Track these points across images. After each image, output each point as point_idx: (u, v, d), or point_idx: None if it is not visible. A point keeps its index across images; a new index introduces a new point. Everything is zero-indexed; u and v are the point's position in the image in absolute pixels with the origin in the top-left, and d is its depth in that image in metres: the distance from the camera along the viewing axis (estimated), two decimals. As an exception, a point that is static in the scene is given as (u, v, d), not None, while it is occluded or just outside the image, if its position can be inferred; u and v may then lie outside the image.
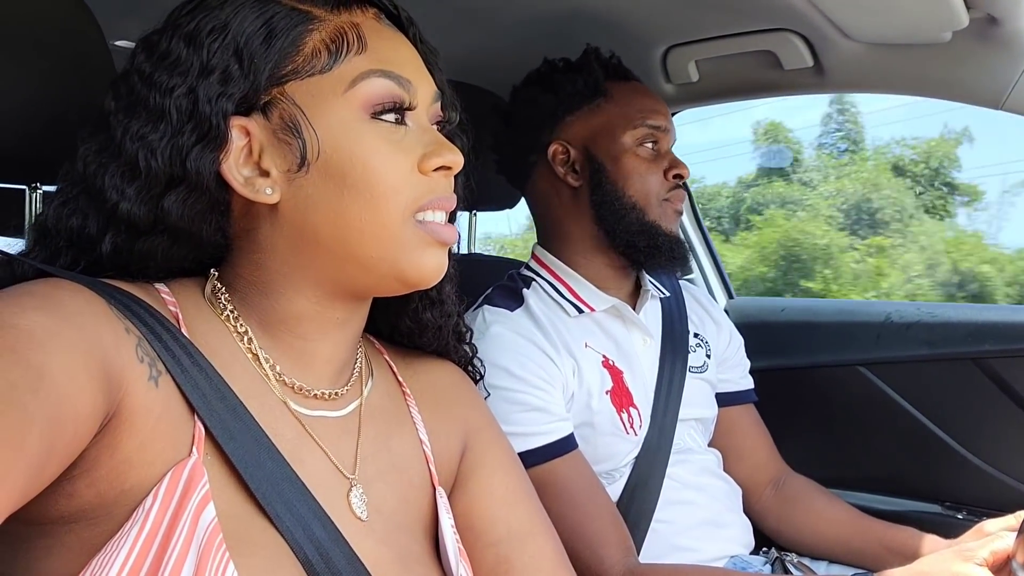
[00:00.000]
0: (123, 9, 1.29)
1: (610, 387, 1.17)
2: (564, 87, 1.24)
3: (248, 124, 0.63)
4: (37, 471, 0.46)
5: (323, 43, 0.64)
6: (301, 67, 0.63)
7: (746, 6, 1.30)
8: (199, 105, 0.61)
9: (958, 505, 1.56)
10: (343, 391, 0.71)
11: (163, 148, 0.61)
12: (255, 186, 0.63)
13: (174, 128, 0.61)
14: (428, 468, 0.75)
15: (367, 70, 0.64)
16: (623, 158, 1.22)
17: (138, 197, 0.61)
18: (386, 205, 0.63)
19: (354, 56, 0.64)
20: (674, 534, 1.17)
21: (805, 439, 1.57)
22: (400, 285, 0.68)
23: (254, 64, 0.62)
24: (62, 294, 0.55)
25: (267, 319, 0.67)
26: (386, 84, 0.64)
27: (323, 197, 0.63)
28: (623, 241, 1.21)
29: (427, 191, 0.66)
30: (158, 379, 0.57)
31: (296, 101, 0.63)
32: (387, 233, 0.64)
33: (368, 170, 0.63)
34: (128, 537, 0.53)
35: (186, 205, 0.62)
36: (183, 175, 0.61)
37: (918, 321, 1.60)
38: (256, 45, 0.62)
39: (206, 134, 0.61)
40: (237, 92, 0.62)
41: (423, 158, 0.65)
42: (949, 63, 1.27)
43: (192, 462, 0.57)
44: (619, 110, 1.23)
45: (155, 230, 0.63)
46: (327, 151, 0.63)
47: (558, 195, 1.27)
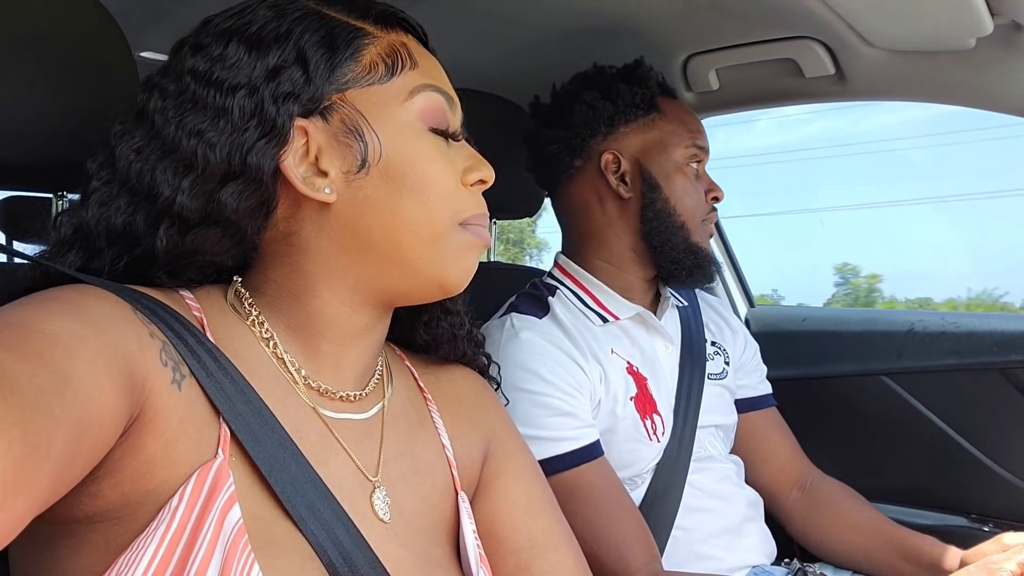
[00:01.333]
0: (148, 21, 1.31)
1: (635, 393, 1.17)
2: (624, 96, 1.24)
3: (307, 126, 0.65)
4: (62, 473, 0.47)
5: (380, 56, 0.68)
6: (360, 76, 0.67)
7: (767, 14, 1.29)
8: (264, 105, 0.63)
9: (984, 517, 1.53)
10: (364, 393, 0.72)
11: (223, 143, 0.62)
12: (314, 185, 0.65)
13: (235, 125, 0.63)
14: (451, 472, 0.75)
15: (422, 84, 0.68)
16: (676, 177, 1.23)
17: (192, 190, 0.63)
18: (439, 209, 0.67)
19: (408, 71, 0.68)
20: (695, 542, 1.17)
21: (829, 449, 1.56)
22: (437, 289, 0.71)
23: (318, 70, 0.65)
24: (87, 299, 0.56)
25: (296, 323, 0.68)
26: (439, 99, 0.69)
27: (381, 198, 0.66)
28: (669, 259, 1.22)
29: (472, 205, 0.70)
30: (181, 383, 0.58)
31: (357, 107, 0.66)
32: (437, 235, 0.68)
33: (426, 175, 0.67)
34: (154, 536, 0.53)
35: (241, 198, 0.63)
36: (242, 170, 0.63)
37: (943, 331, 1.58)
38: (319, 52, 0.65)
39: (269, 132, 0.63)
40: (304, 95, 0.65)
41: (465, 171, 0.70)
42: (973, 70, 1.26)
43: (218, 463, 0.57)
44: (672, 127, 1.24)
45: (205, 223, 0.64)
46: (389, 155, 0.66)
47: (601, 204, 1.26)
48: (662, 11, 1.33)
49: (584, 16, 1.35)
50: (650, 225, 1.22)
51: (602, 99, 1.24)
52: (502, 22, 1.39)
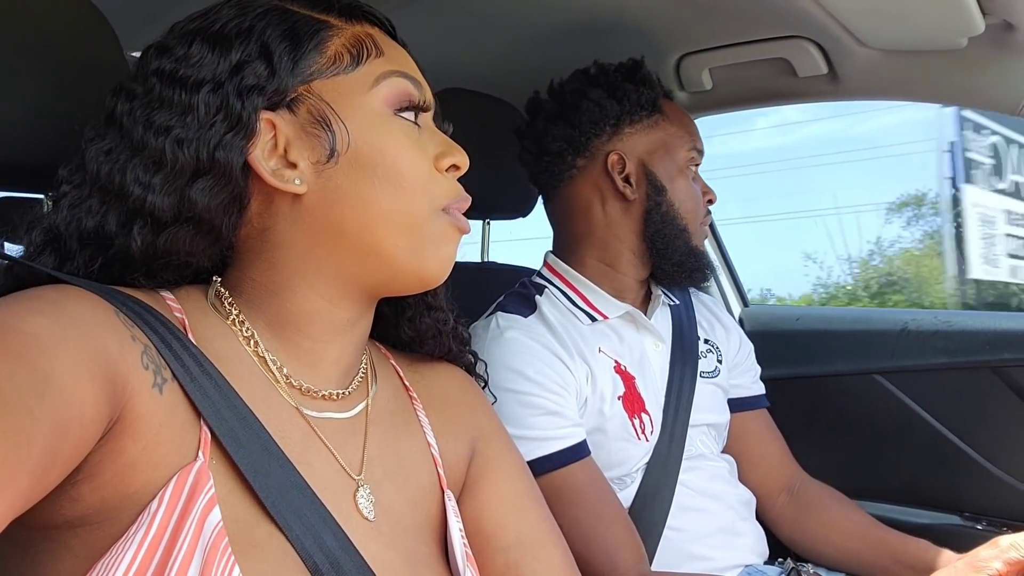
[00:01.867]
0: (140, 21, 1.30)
1: (622, 392, 1.17)
2: (630, 96, 1.23)
3: (274, 118, 0.66)
4: (42, 474, 0.47)
5: (344, 47, 0.68)
6: (325, 68, 0.67)
7: (760, 14, 1.30)
8: (229, 99, 0.64)
9: (978, 516, 1.54)
10: (348, 391, 0.71)
11: (190, 139, 0.63)
12: (284, 177, 0.66)
13: (202, 121, 0.63)
14: (436, 471, 0.75)
15: (388, 70, 0.69)
16: (678, 179, 1.24)
17: (163, 188, 0.63)
18: (414, 196, 0.67)
19: (374, 59, 0.69)
20: (688, 542, 1.17)
21: (822, 449, 1.56)
22: (415, 280, 0.70)
23: (282, 62, 0.66)
24: (68, 300, 0.56)
25: (276, 320, 0.68)
26: (405, 84, 0.69)
27: (352, 188, 0.66)
28: (672, 261, 1.23)
29: (449, 190, 0.70)
30: (163, 386, 0.58)
31: (324, 98, 0.66)
32: (414, 223, 0.67)
33: (397, 161, 0.67)
34: (133, 540, 0.53)
35: (211, 194, 0.64)
36: (210, 165, 0.63)
37: (936, 330, 1.58)
38: (282, 45, 0.66)
39: (235, 125, 0.64)
40: (268, 88, 0.65)
41: (437, 156, 0.70)
42: (965, 69, 1.27)
43: (198, 466, 0.57)
44: (674, 129, 1.25)
45: (177, 222, 0.64)
46: (357, 143, 0.66)
47: (603, 204, 1.25)
48: (655, 10, 1.33)
49: (577, 16, 1.35)
50: (654, 228, 1.22)
51: (609, 98, 1.23)
52: (494, 22, 1.39)
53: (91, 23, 0.85)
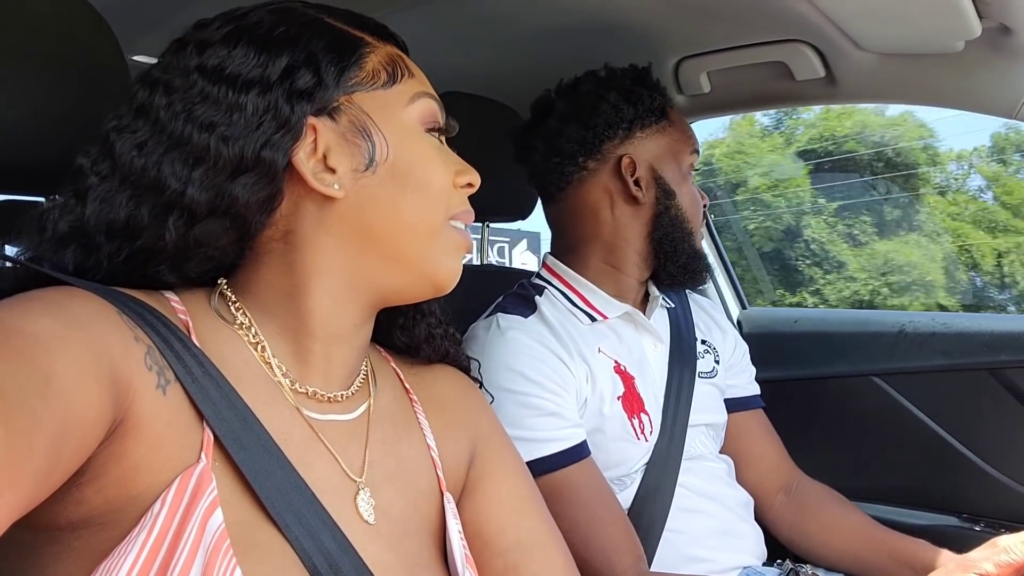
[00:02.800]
0: (141, 25, 1.31)
1: (622, 392, 1.18)
2: (644, 101, 1.24)
3: (317, 124, 0.67)
4: (45, 476, 0.47)
5: (381, 64, 0.72)
6: (365, 81, 0.70)
7: (757, 17, 1.30)
8: (279, 102, 0.65)
9: (976, 517, 1.54)
10: (350, 393, 0.72)
11: (236, 137, 0.64)
12: (324, 180, 0.67)
13: (248, 120, 0.64)
14: (436, 473, 0.76)
15: (420, 91, 0.73)
16: (684, 184, 1.26)
17: (202, 182, 0.63)
18: (436, 206, 0.71)
19: (407, 79, 0.73)
20: (687, 544, 1.17)
21: (820, 450, 1.56)
22: (430, 286, 0.74)
23: (328, 72, 0.68)
24: (71, 301, 0.56)
25: (287, 323, 0.68)
26: (434, 105, 0.74)
27: (386, 195, 0.69)
28: (677, 264, 1.24)
29: (460, 202, 0.74)
30: (166, 387, 0.58)
31: (364, 109, 0.69)
32: (433, 232, 0.72)
33: (428, 174, 0.71)
34: (136, 542, 0.53)
35: (253, 191, 0.65)
36: (255, 163, 0.64)
37: (933, 332, 1.59)
38: (328, 56, 0.68)
39: (283, 127, 0.65)
40: (316, 95, 0.67)
41: (457, 174, 0.74)
42: (962, 73, 1.27)
43: (200, 468, 0.57)
44: (679, 135, 1.27)
45: (212, 216, 0.64)
46: (395, 154, 0.70)
47: (612, 206, 1.25)
48: (653, 14, 1.34)
49: (575, 20, 1.35)
50: (663, 231, 1.24)
51: (625, 102, 1.24)
52: (493, 26, 1.39)
53: (91, 27, 0.85)
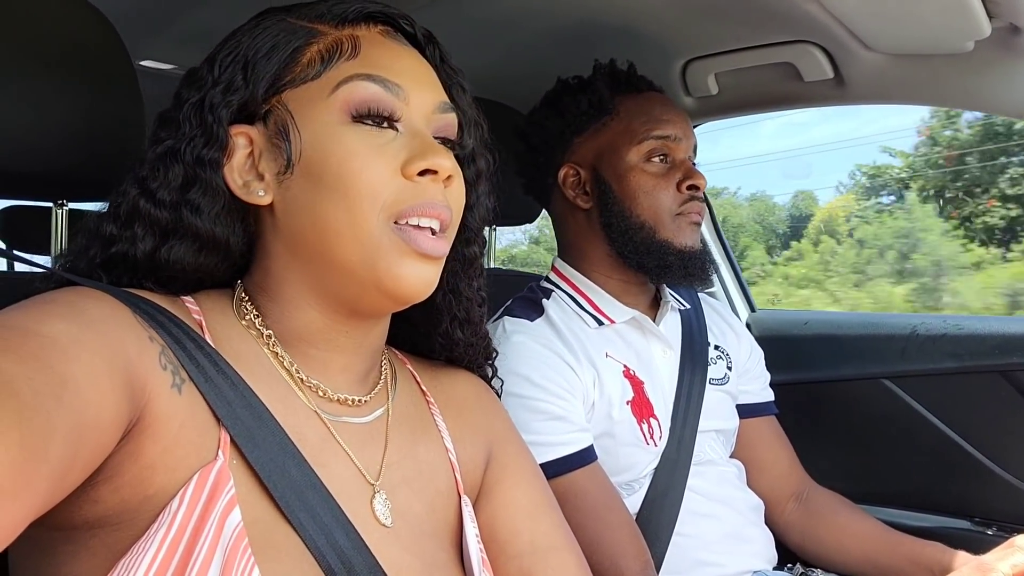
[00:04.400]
0: (149, 30, 1.31)
1: (631, 397, 1.17)
2: (570, 108, 1.23)
3: (251, 132, 0.67)
4: (61, 477, 0.47)
5: (319, 53, 0.67)
6: (297, 76, 0.67)
7: (765, 18, 1.30)
8: (204, 113, 0.66)
9: (988, 520, 1.53)
10: (367, 398, 0.72)
11: (181, 151, 0.65)
12: (251, 188, 0.67)
13: (187, 135, 0.66)
14: (454, 476, 0.75)
15: (352, 74, 0.66)
16: (629, 176, 1.20)
17: (157, 195, 0.65)
18: (361, 207, 0.63)
19: (344, 62, 0.67)
20: (697, 548, 1.16)
21: (830, 453, 1.55)
22: (382, 297, 0.66)
23: (255, 74, 0.66)
24: (86, 302, 0.56)
25: (285, 327, 0.68)
26: (370, 87, 0.66)
27: (305, 198, 0.65)
28: (634, 261, 1.21)
29: (411, 195, 0.65)
30: (181, 387, 0.58)
31: (288, 107, 0.66)
32: (364, 236, 0.64)
33: (344, 171, 0.64)
34: (154, 540, 0.53)
35: (202, 205, 0.66)
36: (195, 177, 0.65)
37: (944, 334, 1.58)
38: (259, 58, 0.67)
39: (209, 139, 0.66)
40: (236, 100, 0.66)
41: (406, 161, 0.65)
42: (971, 73, 1.26)
43: (218, 466, 0.58)
44: (623, 126, 1.22)
45: (177, 235, 0.66)
46: (308, 152, 0.65)
47: (573, 217, 1.27)
48: (661, 16, 1.33)
49: (582, 22, 1.35)
50: (611, 230, 1.21)
51: (552, 115, 1.25)
52: (498, 28, 1.39)
53: (99, 32, 0.85)
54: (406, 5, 0.73)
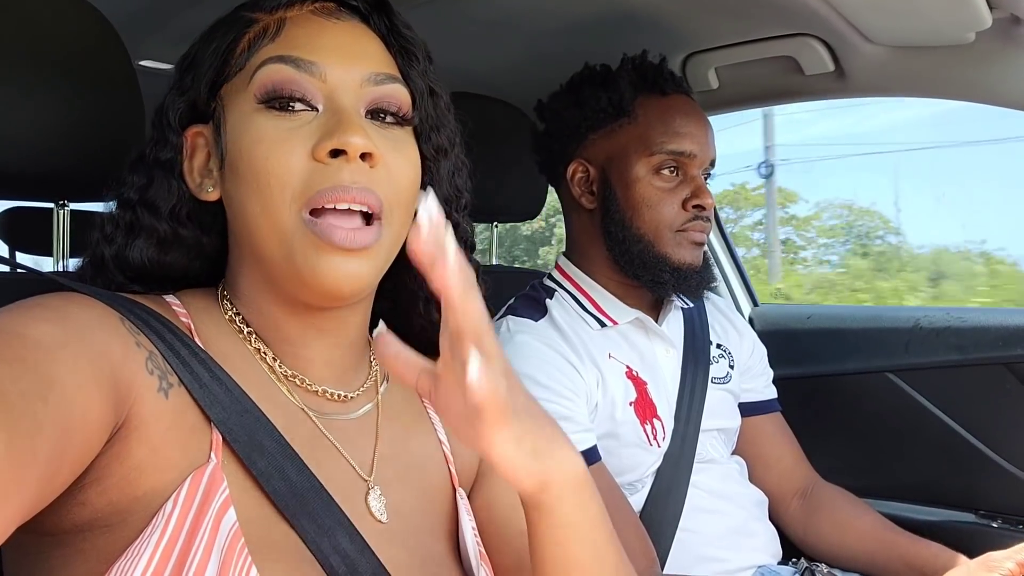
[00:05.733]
0: (148, 30, 1.31)
1: (634, 398, 1.17)
2: (589, 102, 1.20)
3: (205, 131, 0.68)
4: (48, 479, 0.47)
5: (248, 42, 0.65)
6: (231, 69, 0.66)
7: (765, 12, 1.29)
8: (161, 117, 0.68)
9: (992, 514, 1.52)
10: (355, 394, 0.71)
11: (146, 155, 0.68)
12: (202, 187, 0.68)
13: (153, 139, 0.68)
14: (448, 468, 0.75)
15: (267, 57, 0.63)
16: (635, 186, 1.17)
17: (124, 197, 0.68)
18: (271, 197, 0.60)
19: (265, 46, 0.64)
20: (701, 544, 1.16)
21: (834, 448, 1.55)
22: (312, 294, 0.63)
23: (199, 73, 0.67)
24: (72, 306, 0.56)
25: (258, 324, 0.68)
26: (281, 69, 0.62)
27: (233, 192, 0.64)
28: (629, 271, 1.20)
29: (320, 179, 0.60)
30: (168, 391, 0.58)
31: (223, 101, 0.66)
32: (278, 228, 0.61)
33: (252, 159, 0.61)
34: (149, 542, 0.53)
35: (159, 204, 0.67)
36: (152, 179, 0.68)
37: (948, 326, 1.57)
38: (203, 56, 0.67)
39: (164, 142, 0.67)
40: (184, 102, 0.67)
41: (316, 143, 0.61)
42: (973, 64, 1.26)
43: (211, 467, 0.57)
44: (639, 133, 1.18)
45: (135, 231, 0.67)
46: (229, 145, 0.64)
47: (577, 213, 1.26)
48: (660, 11, 1.33)
49: (582, 18, 1.35)
50: (611, 237, 1.19)
51: (571, 106, 1.22)
52: (499, 25, 1.39)
53: (99, 33, 0.85)
54: (402, 3, 0.73)
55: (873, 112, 26.01)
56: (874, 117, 23.20)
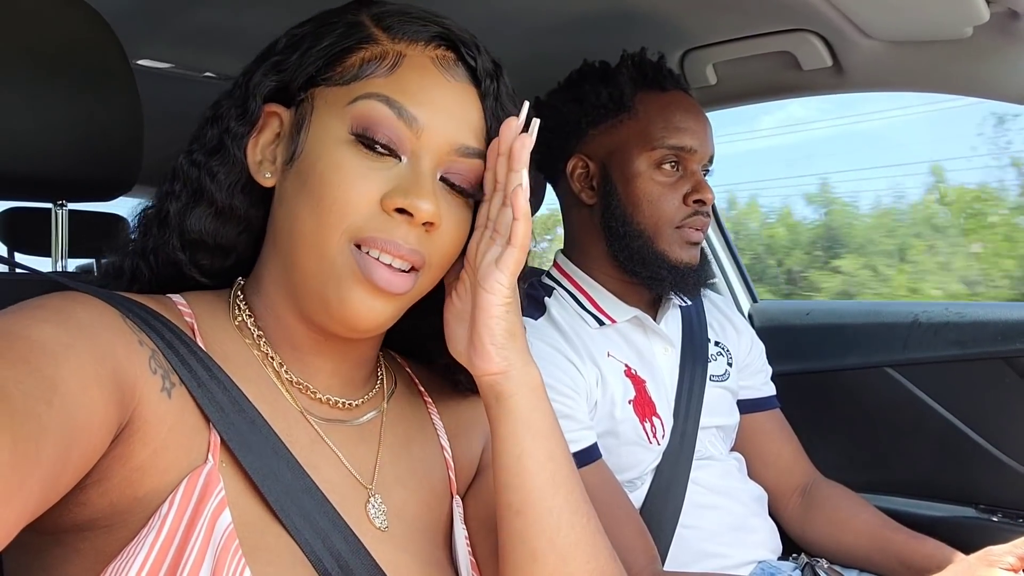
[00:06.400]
0: (146, 30, 1.31)
1: (633, 396, 1.17)
2: (589, 98, 1.20)
3: (284, 114, 0.67)
4: (53, 480, 0.47)
5: (361, 60, 0.65)
6: (336, 75, 0.66)
7: (763, 7, 1.29)
8: (247, 91, 0.67)
9: (992, 507, 1.53)
10: (359, 402, 0.71)
11: (221, 117, 0.68)
12: (261, 168, 0.67)
13: (231, 103, 0.68)
14: (448, 475, 0.75)
15: (373, 92, 0.64)
16: (636, 182, 1.17)
17: (189, 166, 0.68)
18: (327, 221, 0.62)
19: (376, 76, 0.65)
20: (701, 540, 1.16)
21: (834, 443, 1.55)
22: (329, 320, 0.65)
23: (302, 60, 0.66)
24: (75, 307, 0.56)
25: (271, 329, 0.68)
26: (382, 111, 0.63)
27: (292, 194, 0.65)
28: (628, 267, 1.20)
29: (378, 227, 0.62)
30: (171, 391, 0.58)
31: (314, 102, 0.66)
32: (323, 248, 0.62)
33: (324, 182, 0.63)
34: (144, 543, 0.53)
35: (220, 173, 0.67)
36: (220, 145, 0.67)
37: (947, 321, 1.57)
38: (313, 46, 0.67)
39: (242, 111, 0.67)
40: (275, 80, 0.67)
41: (387, 193, 0.63)
42: (970, 59, 1.26)
43: (208, 469, 0.57)
44: (640, 128, 1.18)
45: (197, 196, 0.67)
46: (307, 152, 0.65)
47: (576, 210, 1.26)
48: (658, 6, 1.33)
49: (580, 14, 1.35)
50: (613, 233, 1.19)
51: (569, 101, 1.22)
52: (496, 23, 1.39)
53: (96, 32, 0.85)
54: (399, 2, 0.73)
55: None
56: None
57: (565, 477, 0.67)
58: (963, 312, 1.57)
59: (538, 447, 0.67)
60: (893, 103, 6.61)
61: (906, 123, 9.61)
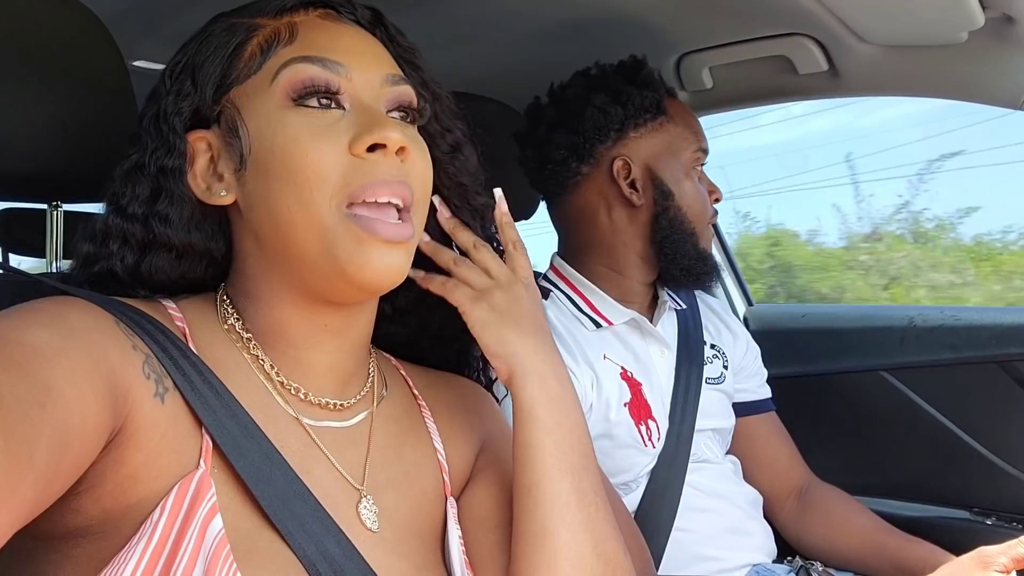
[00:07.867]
0: (141, 30, 1.31)
1: (628, 399, 1.17)
2: (634, 100, 1.21)
3: (208, 136, 0.67)
4: (46, 484, 0.47)
5: (258, 45, 0.66)
6: (241, 72, 0.66)
7: (759, 11, 1.29)
8: (160, 123, 0.66)
9: (986, 511, 1.53)
10: (351, 402, 0.71)
11: (145, 164, 0.66)
12: (212, 191, 0.67)
13: (149, 147, 0.66)
14: (442, 477, 0.75)
15: (290, 58, 0.65)
16: (685, 182, 1.22)
17: (130, 209, 0.66)
18: (311, 193, 0.62)
19: (282, 48, 0.66)
20: (696, 543, 1.16)
21: (829, 447, 1.55)
22: (349, 287, 0.64)
23: (202, 78, 0.66)
24: (69, 311, 0.56)
25: (261, 328, 0.68)
26: (308, 68, 0.64)
27: (260, 191, 0.64)
28: (679, 266, 1.21)
29: (361, 174, 0.62)
30: (164, 395, 0.58)
31: (236, 104, 0.66)
32: (318, 224, 0.62)
33: (289, 157, 0.62)
34: (136, 549, 0.53)
35: (171, 215, 0.66)
36: (160, 188, 0.66)
37: (942, 325, 1.58)
38: (204, 61, 0.67)
39: (168, 148, 0.66)
40: (187, 106, 0.66)
41: (354, 138, 0.63)
42: (966, 64, 1.26)
43: (199, 474, 0.57)
44: (679, 130, 1.23)
45: (152, 246, 0.67)
46: (255, 144, 0.64)
47: (609, 211, 1.24)
48: (654, 10, 1.33)
49: (576, 17, 1.35)
50: (663, 233, 1.21)
51: (613, 103, 1.21)
52: (492, 25, 1.39)
53: (91, 33, 0.85)
54: (395, 4, 0.73)
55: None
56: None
57: (572, 466, 0.70)
58: (958, 316, 1.58)
59: (544, 439, 0.70)
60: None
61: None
